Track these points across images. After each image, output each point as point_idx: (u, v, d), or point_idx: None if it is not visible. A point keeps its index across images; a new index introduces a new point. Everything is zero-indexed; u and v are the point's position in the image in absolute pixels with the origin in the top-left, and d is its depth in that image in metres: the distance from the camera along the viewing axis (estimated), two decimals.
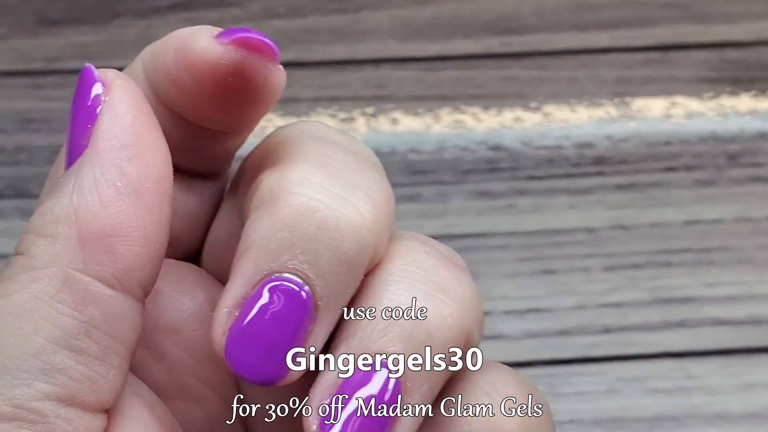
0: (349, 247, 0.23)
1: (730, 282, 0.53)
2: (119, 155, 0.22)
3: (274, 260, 0.23)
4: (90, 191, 0.22)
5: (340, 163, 0.24)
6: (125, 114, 0.23)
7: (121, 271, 0.22)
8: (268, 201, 0.23)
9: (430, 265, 0.24)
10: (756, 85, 0.58)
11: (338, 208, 0.23)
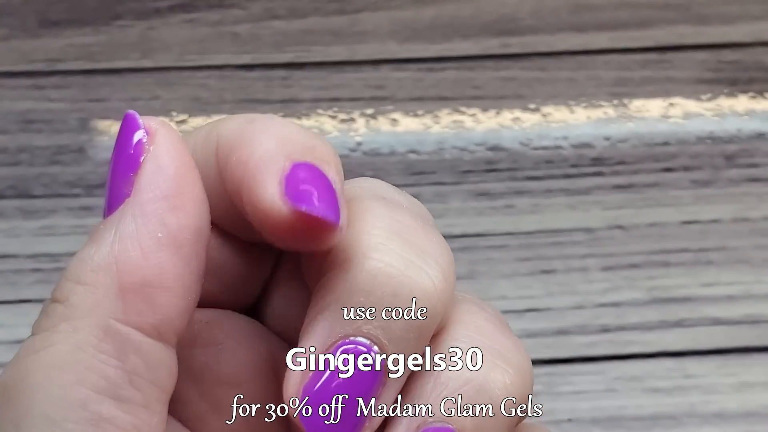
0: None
1: (728, 282, 0.53)
2: (161, 206, 0.23)
3: (350, 324, 0.23)
4: (131, 241, 0.22)
5: (410, 228, 0.24)
6: (169, 164, 0.23)
7: (160, 321, 0.22)
8: (342, 264, 0.23)
9: (489, 331, 0.25)
10: (753, 86, 0.58)
11: (412, 275, 0.24)
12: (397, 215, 0.25)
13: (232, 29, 0.59)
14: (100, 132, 0.57)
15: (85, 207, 0.54)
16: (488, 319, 0.25)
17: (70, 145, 0.56)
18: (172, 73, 0.58)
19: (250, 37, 0.58)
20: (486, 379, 0.24)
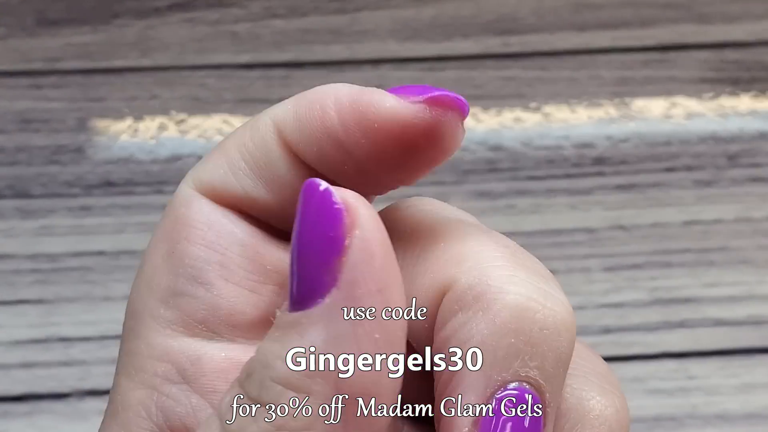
0: (566, 346, 0.22)
1: (730, 282, 0.53)
2: (375, 301, 0.20)
3: (506, 369, 0.22)
4: (348, 344, 0.20)
5: (516, 252, 0.23)
6: (381, 255, 0.20)
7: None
8: (476, 302, 0.22)
9: (587, 355, 0.24)
10: (756, 86, 0.58)
11: (552, 306, 0.22)
12: (501, 240, 0.23)
13: (231, 28, 0.59)
14: (98, 131, 0.56)
15: (84, 207, 0.54)
16: (580, 343, 0.24)
17: (69, 145, 0.56)
18: (171, 73, 0.57)
19: (250, 36, 0.58)
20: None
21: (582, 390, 0.24)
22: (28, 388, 0.50)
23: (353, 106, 0.22)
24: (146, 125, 0.56)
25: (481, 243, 0.23)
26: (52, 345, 0.51)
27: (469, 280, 0.22)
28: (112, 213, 0.54)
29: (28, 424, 0.49)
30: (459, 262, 0.23)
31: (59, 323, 0.51)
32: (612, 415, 0.23)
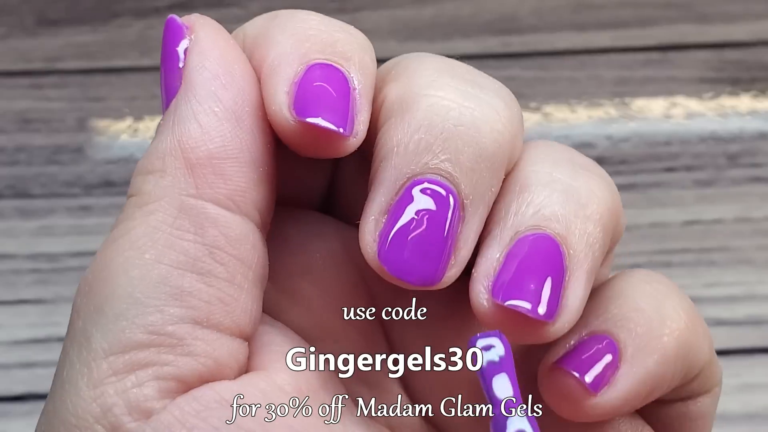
0: (488, 142, 0.23)
1: (730, 282, 0.53)
2: (213, 84, 0.23)
3: (415, 162, 0.23)
4: (190, 121, 0.23)
5: (461, 68, 0.24)
6: (213, 47, 0.23)
7: (234, 192, 0.23)
8: (398, 109, 0.23)
9: (565, 157, 0.24)
10: (756, 86, 0.58)
11: (472, 105, 0.23)
12: (446, 60, 0.24)
13: (231, 28, 0.58)
14: (98, 131, 0.56)
15: (84, 207, 0.54)
16: (561, 150, 0.25)
17: (69, 145, 0.56)
18: None
19: None
20: (571, 189, 0.24)
21: (534, 165, 0.24)
22: (28, 388, 0.50)
23: (261, 78, 0.24)
24: (146, 125, 0.56)
25: (422, 61, 0.24)
26: (52, 345, 0.51)
27: (396, 92, 0.23)
28: (112, 213, 0.54)
29: (28, 424, 0.49)
30: (395, 78, 0.24)
31: (59, 323, 0.51)
32: (577, 190, 0.24)
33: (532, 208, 0.23)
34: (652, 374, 0.24)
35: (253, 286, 0.23)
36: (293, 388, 0.23)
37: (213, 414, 0.22)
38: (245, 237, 0.23)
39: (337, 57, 0.24)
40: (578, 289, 0.23)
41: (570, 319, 0.23)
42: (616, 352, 0.23)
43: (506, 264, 0.23)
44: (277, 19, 0.24)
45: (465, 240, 0.23)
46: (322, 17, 0.24)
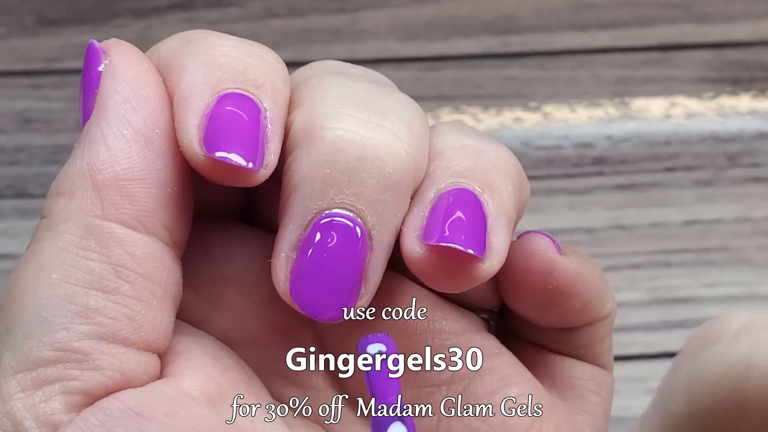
0: (391, 171, 0.24)
1: (730, 282, 0.53)
2: (123, 107, 0.23)
3: (321, 198, 0.23)
4: (99, 143, 0.23)
5: (364, 91, 0.25)
6: (125, 70, 0.24)
7: (140, 213, 0.23)
8: (302, 140, 0.24)
9: (472, 138, 0.25)
10: (756, 85, 0.58)
11: (374, 136, 0.24)
12: (350, 83, 0.25)
13: (230, 28, 0.59)
14: None
15: None
16: (465, 126, 0.26)
17: (69, 145, 0.55)
18: None
19: (250, 36, 0.58)
20: (481, 150, 0.25)
21: (442, 135, 0.25)
22: None
23: (174, 107, 0.24)
24: None
25: (324, 88, 0.24)
26: None
27: (300, 122, 0.24)
28: None
29: None
30: (298, 105, 0.24)
31: None
32: (486, 152, 0.25)
33: (449, 170, 0.24)
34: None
35: (162, 303, 0.24)
36: (201, 393, 0.24)
37: (117, 423, 0.22)
38: (153, 255, 0.23)
39: (248, 85, 0.24)
40: (501, 234, 0.24)
41: (498, 259, 0.24)
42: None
43: (432, 215, 0.24)
44: (190, 44, 0.25)
45: (374, 269, 0.24)
46: (236, 41, 0.25)
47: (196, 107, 0.23)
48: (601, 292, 0.27)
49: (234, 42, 0.25)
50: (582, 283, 0.26)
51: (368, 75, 0.26)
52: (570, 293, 0.26)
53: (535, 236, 0.26)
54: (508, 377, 0.26)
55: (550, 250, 0.26)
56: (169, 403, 0.23)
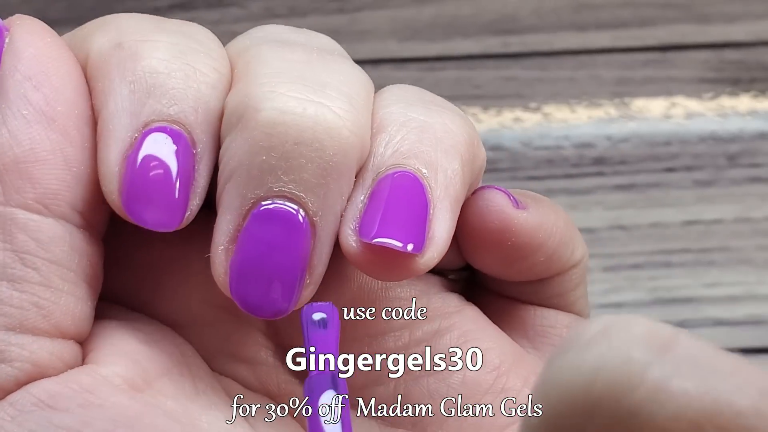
0: (332, 154, 0.22)
1: (730, 282, 0.53)
2: (23, 86, 0.22)
3: (259, 186, 0.22)
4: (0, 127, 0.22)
5: (302, 64, 0.23)
6: (25, 47, 0.23)
7: (44, 195, 0.22)
8: (236, 124, 0.22)
9: (418, 109, 0.24)
10: (756, 86, 0.58)
11: (312, 115, 0.22)
12: (287, 54, 0.23)
13: (231, 28, 0.59)
14: None
15: None
16: (412, 91, 0.25)
17: None
18: None
19: None
20: (426, 124, 0.24)
21: (387, 107, 0.24)
22: None
23: (98, 132, 0.23)
24: None
25: (260, 62, 0.23)
26: None
27: (233, 102, 0.23)
28: None
29: None
30: (237, 79, 0.23)
31: None
32: (432, 126, 0.24)
33: (390, 148, 0.23)
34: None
35: (75, 287, 0.23)
36: (123, 380, 0.23)
37: (29, 418, 0.22)
38: (60, 239, 0.22)
39: (177, 115, 0.23)
40: (443, 220, 0.23)
41: (438, 251, 0.23)
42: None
43: (370, 204, 0.23)
44: (120, 51, 0.23)
45: (319, 257, 0.23)
46: (168, 44, 0.23)
47: (117, 146, 0.22)
48: (567, 241, 0.25)
49: (166, 47, 0.23)
50: (544, 235, 0.25)
51: (310, 41, 0.25)
52: (531, 247, 0.25)
53: (490, 192, 0.25)
54: (468, 333, 0.25)
55: (505, 205, 0.25)
56: (84, 393, 0.22)
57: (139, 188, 0.22)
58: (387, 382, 0.25)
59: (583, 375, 0.15)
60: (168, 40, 0.23)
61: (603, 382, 0.15)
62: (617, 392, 0.15)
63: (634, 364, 0.15)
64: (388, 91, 0.25)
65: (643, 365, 0.15)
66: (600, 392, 0.15)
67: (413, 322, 0.25)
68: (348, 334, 0.25)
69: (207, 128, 0.23)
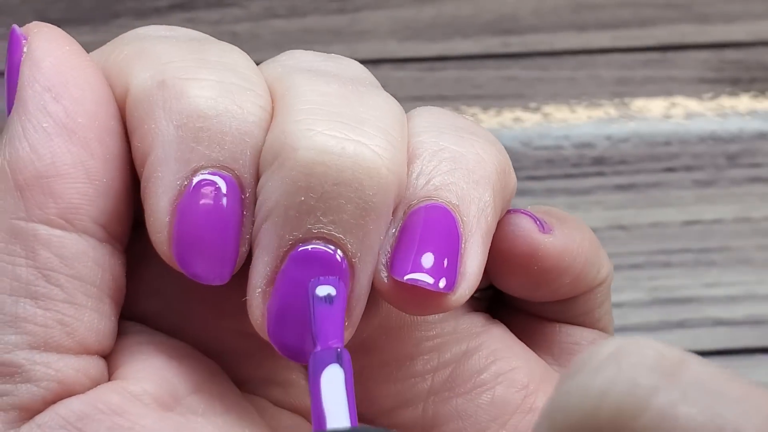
0: (372, 194, 0.22)
1: (730, 282, 0.53)
2: (43, 98, 0.22)
3: (297, 227, 0.22)
4: (19, 140, 0.22)
5: (338, 98, 0.23)
6: (44, 57, 0.22)
7: (66, 210, 0.22)
8: (273, 162, 0.22)
9: (450, 138, 0.24)
10: (755, 86, 0.58)
11: (351, 154, 0.22)
12: (322, 86, 0.23)
13: (231, 28, 0.59)
14: None
15: None
16: (444, 116, 0.24)
17: None
18: None
19: (250, 37, 0.58)
20: (459, 155, 0.23)
21: (419, 136, 0.23)
22: None
23: (143, 175, 0.23)
24: None
25: (296, 95, 0.23)
26: None
27: (270, 139, 0.22)
28: None
29: None
30: (274, 117, 0.23)
31: None
32: (464, 156, 0.23)
33: (422, 180, 0.23)
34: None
35: (99, 303, 0.22)
36: (152, 399, 0.22)
37: None
38: (83, 254, 0.22)
39: (225, 160, 0.22)
40: (475, 255, 0.23)
41: (470, 287, 0.23)
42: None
43: (401, 238, 0.23)
44: (164, 90, 0.22)
45: (357, 299, 0.22)
46: (213, 82, 0.22)
47: (167, 194, 0.22)
48: (593, 261, 0.25)
49: (212, 85, 0.22)
50: (570, 258, 0.24)
51: (342, 70, 0.24)
52: (558, 271, 0.25)
53: (516, 216, 0.24)
54: (496, 353, 0.25)
55: (532, 230, 0.24)
56: (112, 416, 0.22)
57: (190, 238, 0.22)
58: (416, 403, 0.25)
59: (590, 399, 0.15)
60: (214, 78, 0.22)
61: (609, 406, 0.15)
62: (623, 418, 0.15)
63: (641, 389, 0.15)
64: (419, 116, 0.24)
65: (650, 390, 0.15)
66: (606, 417, 0.15)
67: (441, 345, 0.25)
68: (376, 359, 0.24)
69: (254, 170, 0.22)
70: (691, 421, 0.14)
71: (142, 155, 0.22)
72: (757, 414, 0.14)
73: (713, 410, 0.14)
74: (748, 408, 0.15)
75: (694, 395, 0.15)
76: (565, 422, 0.15)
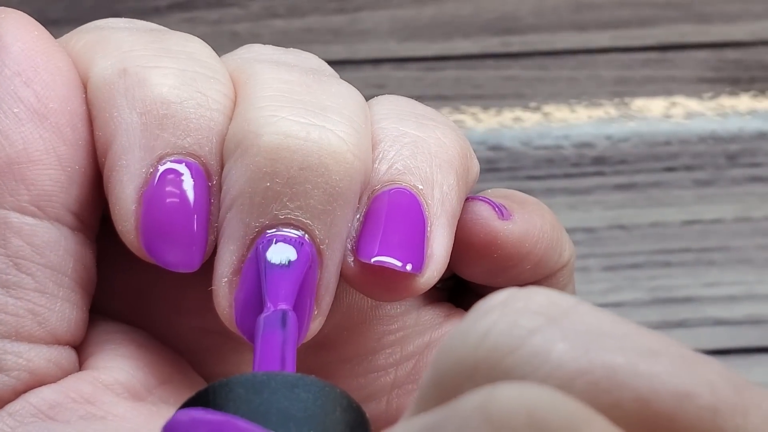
0: (338, 179, 0.22)
1: (730, 282, 0.53)
2: (13, 82, 0.21)
3: (263, 214, 0.21)
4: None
5: (301, 86, 0.22)
6: (13, 42, 0.22)
7: (39, 197, 0.21)
8: (236, 149, 0.22)
9: (410, 124, 0.24)
10: (755, 85, 0.58)
11: (316, 139, 0.21)
12: (284, 75, 0.23)
13: (231, 28, 0.59)
14: None
15: None
16: (404, 104, 0.24)
17: None
18: None
19: (250, 36, 0.58)
20: (420, 140, 0.23)
21: (380, 122, 0.23)
22: None
23: (105, 166, 0.22)
24: None
25: (258, 83, 0.22)
26: None
27: (234, 127, 0.22)
28: None
29: None
30: (236, 105, 0.22)
31: None
32: (425, 141, 0.23)
33: (385, 165, 0.23)
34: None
35: (70, 292, 0.22)
36: (124, 388, 0.22)
37: (29, 429, 0.21)
38: (55, 243, 0.22)
39: (191, 146, 0.22)
40: (441, 238, 0.23)
41: (438, 269, 0.22)
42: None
43: (367, 222, 0.22)
44: (126, 78, 0.22)
45: (326, 286, 0.22)
46: (175, 70, 0.22)
47: (133, 182, 0.21)
48: (554, 245, 0.25)
49: (174, 73, 0.22)
50: (530, 244, 0.24)
51: (302, 61, 0.24)
52: (518, 257, 0.24)
53: (475, 204, 0.24)
54: None
55: (490, 218, 0.24)
56: (85, 405, 0.21)
57: (158, 226, 0.21)
58: (379, 397, 0.24)
59: (471, 339, 0.15)
60: (176, 66, 0.22)
61: (487, 346, 0.15)
62: (497, 354, 0.15)
63: (520, 329, 0.15)
64: (379, 103, 0.24)
65: (528, 331, 0.15)
66: (482, 355, 0.15)
67: (403, 338, 0.24)
68: (338, 355, 0.24)
69: (219, 158, 0.22)
70: (563, 356, 0.14)
71: (104, 144, 0.22)
72: (632, 349, 0.14)
73: (587, 346, 0.14)
74: (625, 344, 0.14)
75: (573, 335, 0.15)
76: (445, 361, 0.15)
